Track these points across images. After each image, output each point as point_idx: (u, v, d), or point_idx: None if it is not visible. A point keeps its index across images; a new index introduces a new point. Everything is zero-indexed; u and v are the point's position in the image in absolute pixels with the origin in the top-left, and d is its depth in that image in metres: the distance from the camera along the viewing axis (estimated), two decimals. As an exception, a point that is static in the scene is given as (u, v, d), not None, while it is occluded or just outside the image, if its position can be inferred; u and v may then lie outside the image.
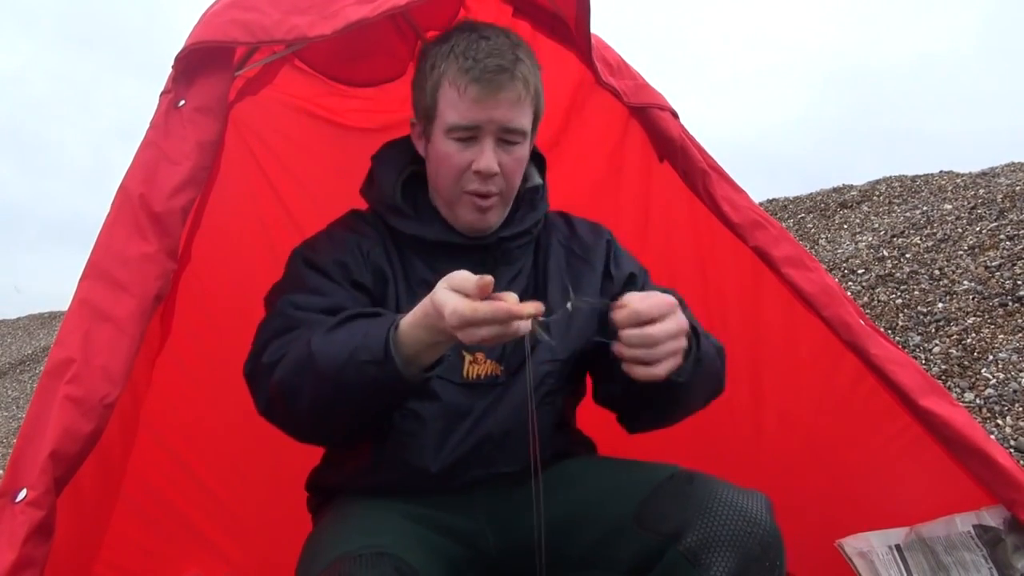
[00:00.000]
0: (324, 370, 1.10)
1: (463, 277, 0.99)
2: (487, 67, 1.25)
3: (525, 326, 0.98)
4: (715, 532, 1.07)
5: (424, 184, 1.44)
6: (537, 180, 1.49)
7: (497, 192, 1.33)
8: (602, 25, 1.91)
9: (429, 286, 1.23)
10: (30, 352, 9.66)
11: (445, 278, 1.02)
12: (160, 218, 1.19)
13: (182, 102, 1.28)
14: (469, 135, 1.29)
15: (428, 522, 1.23)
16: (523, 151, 1.35)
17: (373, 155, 1.54)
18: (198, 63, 1.30)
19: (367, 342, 1.09)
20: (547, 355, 1.36)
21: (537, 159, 1.53)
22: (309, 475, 1.51)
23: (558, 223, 1.54)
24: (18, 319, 12.34)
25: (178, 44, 1.34)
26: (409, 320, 1.07)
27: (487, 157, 1.29)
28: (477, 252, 1.39)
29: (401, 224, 1.39)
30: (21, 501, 0.97)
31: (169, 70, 1.34)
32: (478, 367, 1.33)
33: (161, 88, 1.35)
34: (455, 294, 0.98)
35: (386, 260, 1.37)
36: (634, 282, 1.49)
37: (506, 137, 1.30)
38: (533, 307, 0.98)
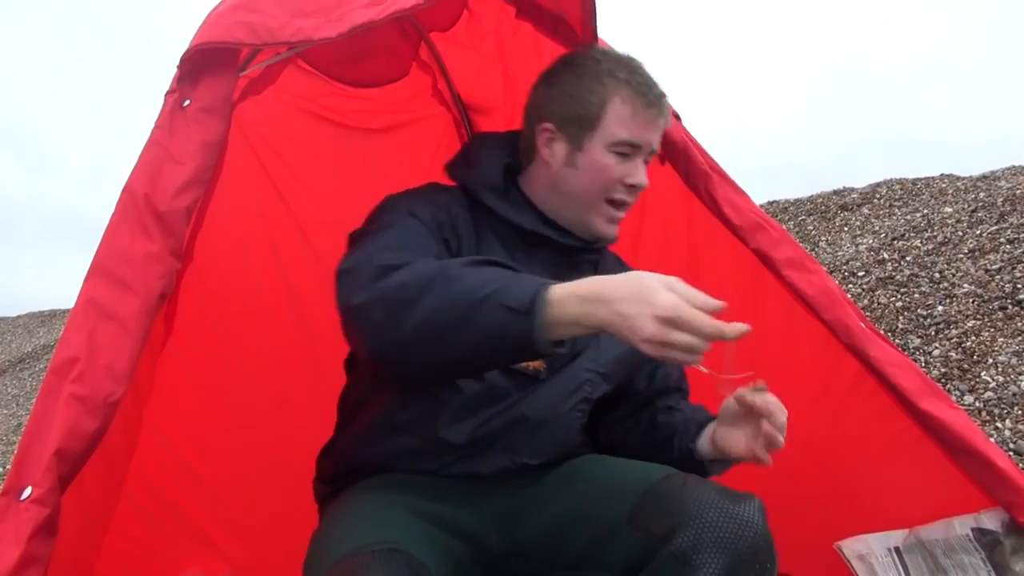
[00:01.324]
0: (454, 295, 1.07)
1: (688, 286, 1.02)
2: (655, 94, 1.37)
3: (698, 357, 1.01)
4: (706, 534, 1.07)
5: (513, 177, 1.49)
6: None
7: (630, 205, 1.43)
8: (604, 26, 1.91)
9: None
10: (30, 350, 9.66)
11: (660, 276, 1.02)
12: (164, 218, 1.20)
13: (187, 102, 1.28)
14: (629, 152, 1.37)
15: (434, 518, 1.23)
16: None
17: (473, 138, 1.62)
18: (203, 63, 1.31)
19: (512, 286, 1.06)
20: (589, 364, 1.42)
21: None
22: (320, 453, 1.52)
23: (610, 258, 1.63)
24: (18, 317, 12.34)
25: (179, 41, 1.35)
26: (571, 288, 1.04)
27: (643, 173, 1.39)
28: (552, 251, 1.44)
29: (498, 205, 1.42)
30: (26, 499, 0.98)
31: (171, 67, 1.35)
32: (536, 366, 1.37)
33: (163, 85, 1.36)
34: (668, 296, 0.99)
35: (466, 235, 1.39)
36: None
37: (647, 159, 1.41)
38: (736, 331, 1.02)
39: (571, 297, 1.04)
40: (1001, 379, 3.05)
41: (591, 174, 1.38)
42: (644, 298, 0.99)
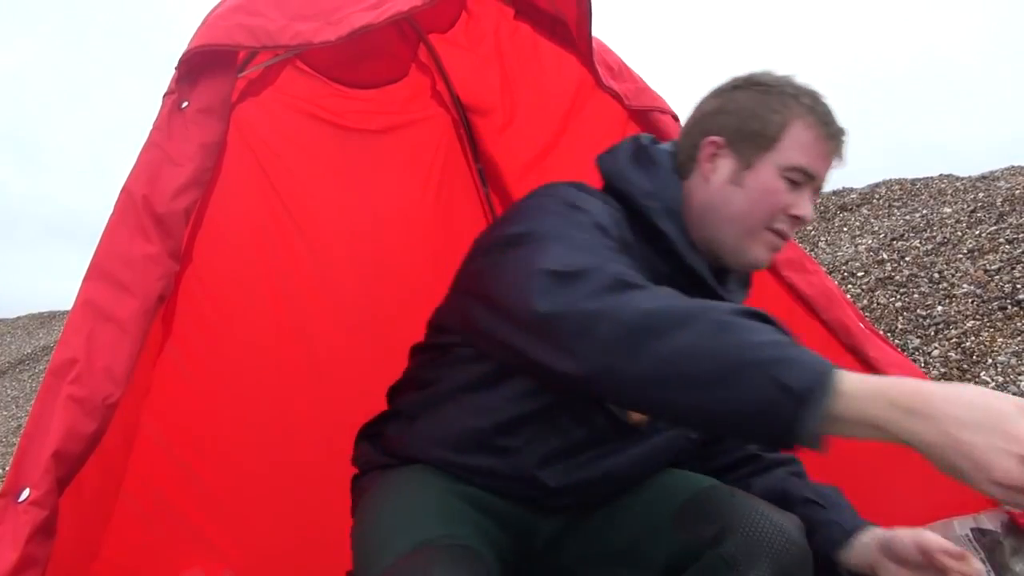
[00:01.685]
0: (718, 346, 0.90)
1: None
2: (838, 130, 1.28)
3: None
4: (756, 543, 1.08)
5: None
6: None
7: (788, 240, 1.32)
8: (603, 26, 1.92)
9: None
10: (29, 351, 9.65)
11: (1009, 398, 0.81)
12: (163, 219, 1.20)
13: (185, 104, 1.28)
14: (801, 181, 1.26)
15: (492, 513, 1.20)
16: None
17: (648, 141, 1.38)
18: (202, 65, 1.31)
19: (794, 360, 0.87)
20: (690, 432, 1.35)
21: None
22: (373, 426, 1.43)
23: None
24: (17, 318, 12.33)
25: (178, 43, 1.35)
26: (875, 385, 0.86)
27: (809, 206, 1.28)
28: (689, 288, 1.27)
29: (677, 235, 1.27)
30: (24, 501, 0.98)
31: (170, 70, 1.35)
32: (640, 415, 1.27)
33: (163, 86, 1.35)
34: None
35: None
36: None
37: (814, 194, 1.31)
38: None
39: (874, 395, 0.85)
40: (1001, 379, 3.05)
41: (758, 196, 1.26)
42: (1003, 430, 0.79)
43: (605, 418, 1.23)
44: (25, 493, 0.98)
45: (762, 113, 1.27)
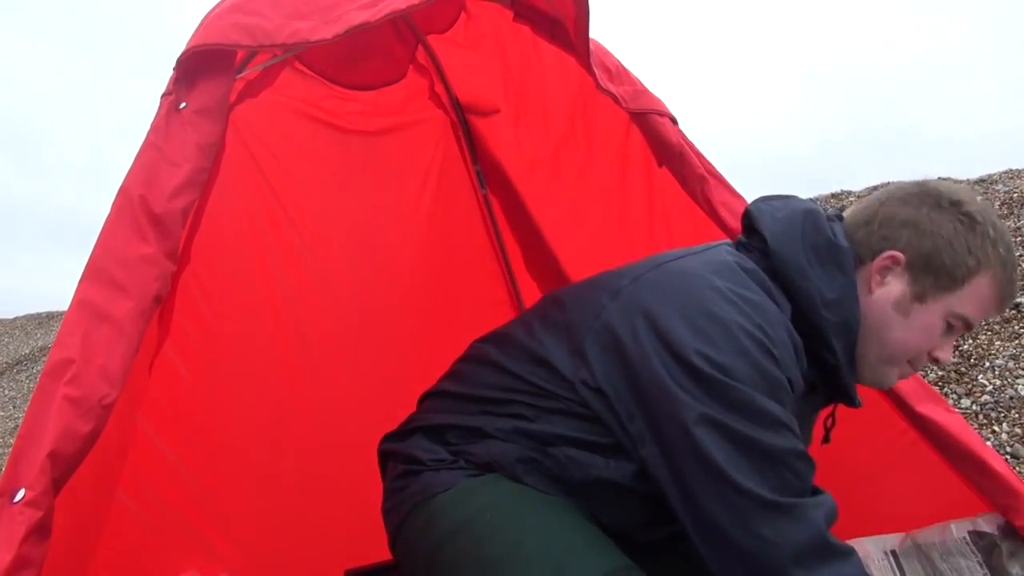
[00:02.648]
0: None
1: None
2: (1015, 291, 1.21)
3: None
4: None
5: None
6: None
7: None
8: (601, 29, 1.92)
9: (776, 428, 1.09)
10: (27, 352, 9.64)
11: None
12: (160, 220, 1.19)
13: (183, 104, 1.28)
14: (958, 328, 1.19)
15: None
16: None
17: (832, 227, 1.22)
18: (199, 66, 1.31)
19: None
20: None
21: None
22: (443, 431, 1.27)
23: None
24: (15, 319, 12.31)
25: (177, 42, 1.35)
26: None
27: (950, 352, 1.22)
28: (820, 406, 1.30)
29: (843, 351, 1.17)
30: (19, 501, 0.97)
31: (169, 70, 1.34)
32: None
33: (160, 87, 1.35)
34: None
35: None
36: None
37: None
38: None
39: None
40: (998, 383, 3.05)
41: (918, 333, 1.18)
42: None
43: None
44: (20, 494, 0.98)
45: (958, 250, 1.15)
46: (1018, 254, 3.88)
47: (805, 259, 1.17)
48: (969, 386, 3.10)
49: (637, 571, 1.03)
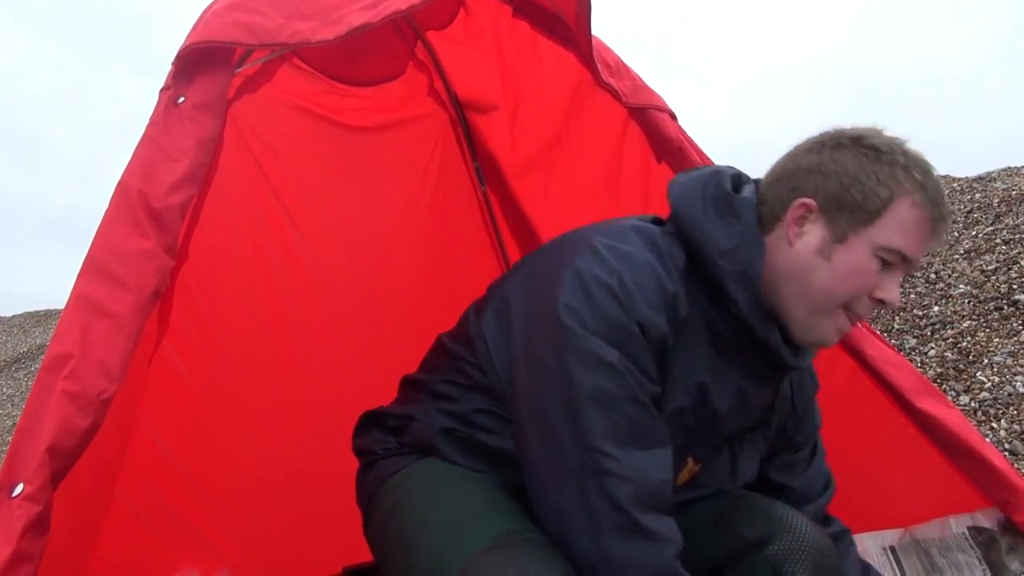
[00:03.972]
0: None
1: None
2: (944, 213, 1.14)
3: None
4: (799, 547, 1.17)
5: None
6: None
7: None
8: (601, 26, 1.92)
9: (702, 389, 1.17)
10: (25, 350, 9.63)
11: None
12: (158, 214, 1.19)
13: (182, 99, 1.28)
14: (894, 262, 1.13)
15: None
16: None
17: (725, 174, 1.24)
18: (198, 61, 1.30)
19: None
20: (743, 472, 1.34)
21: None
22: (387, 416, 1.36)
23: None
24: (13, 317, 12.31)
25: (176, 40, 1.35)
26: None
27: (895, 291, 1.14)
28: (756, 359, 1.23)
29: (749, 308, 1.16)
30: (18, 496, 0.97)
31: (168, 66, 1.34)
32: (687, 473, 1.26)
33: (159, 85, 1.35)
34: None
35: (683, 337, 1.15)
36: (795, 451, 1.43)
37: (905, 275, 1.21)
38: None
39: None
40: (997, 379, 3.05)
41: (845, 274, 1.13)
42: None
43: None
44: (19, 488, 0.98)
45: (866, 183, 1.13)
46: (1015, 252, 3.87)
47: (703, 213, 1.18)
48: (968, 383, 3.11)
49: (532, 532, 1.05)
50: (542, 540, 1.04)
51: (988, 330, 3.38)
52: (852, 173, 1.13)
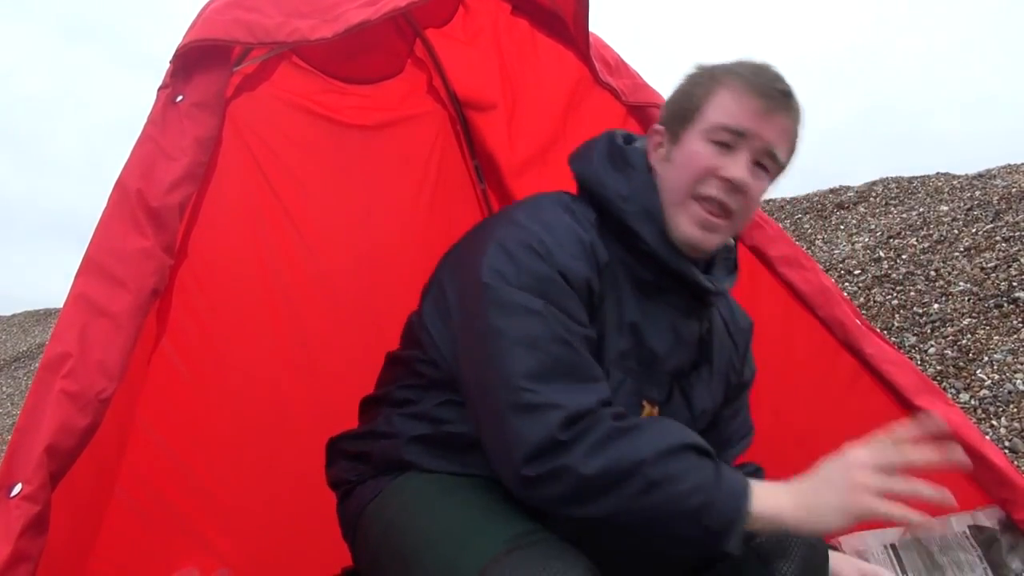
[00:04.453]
0: (654, 503, 1.02)
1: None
2: (774, 86, 1.20)
3: None
4: (787, 539, 1.19)
5: None
6: (731, 241, 1.40)
7: (733, 212, 1.22)
8: (600, 24, 1.91)
9: (635, 331, 1.24)
10: (25, 349, 9.64)
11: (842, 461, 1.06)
12: (157, 213, 1.19)
13: (180, 97, 1.28)
14: (730, 141, 1.19)
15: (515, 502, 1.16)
16: (766, 184, 1.26)
17: (623, 140, 1.34)
18: (196, 59, 1.30)
19: (716, 502, 1.01)
20: (701, 411, 1.37)
21: None
22: (346, 442, 1.39)
23: (730, 297, 1.51)
24: (13, 316, 12.31)
25: (174, 38, 1.34)
26: (777, 507, 1.04)
27: (742, 167, 1.19)
28: (686, 299, 1.30)
29: (653, 239, 1.22)
30: (16, 496, 0.97)
31: (167, 65, 1.34)
32: (648, 416, 1.29)
33: (158, 82, 1.35)
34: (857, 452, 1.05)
35: (608, 285, 1.21)
36: (743, 390, 1.50)
37: (763, 160, 1.22)
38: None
39: (775, 515, 1.04)
40: (996, 377, 3.05)
41: (684, 160, 1.22)
42: (849, 485, 1.02)
43: None
44: (17, 488, 0.98)
45: (689, 90, 1.26)
46: (1015, 249, 3.88)
47: (602, 169, 1.28)
48: (967, 381, 3.11)
49: (542, 532, 1.05)
50: (554, 539, 1.04)
51: (988, 328, 3.38)
52: (680, 89, 1.28)
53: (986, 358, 3.18)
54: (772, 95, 1.19)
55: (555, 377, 1.06)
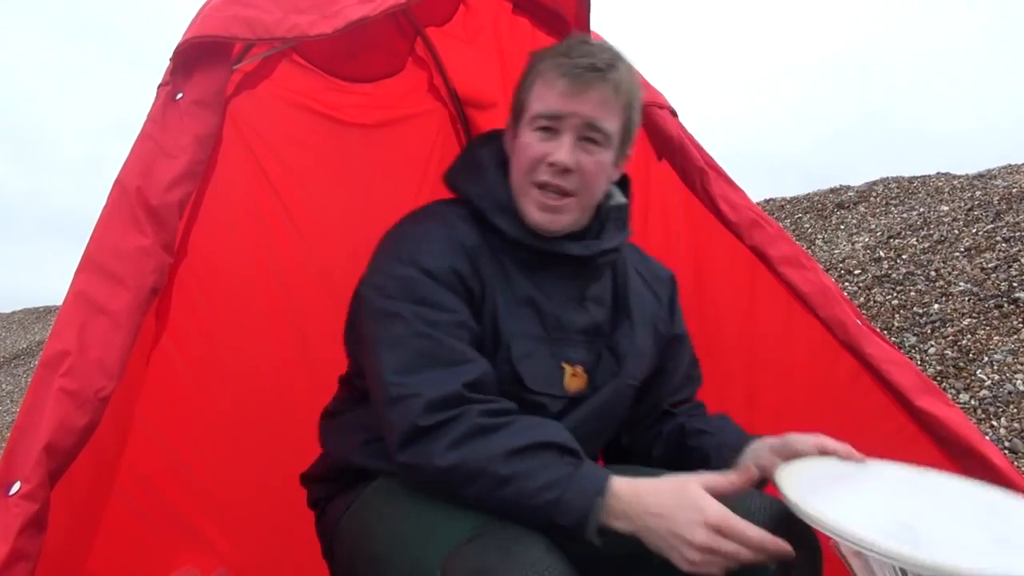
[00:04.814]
0: (504, 499, 1.08)
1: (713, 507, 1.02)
2: (579, 64, 1.27)
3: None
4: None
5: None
6: (622, 199, 1.48)
7: (572, 191, 1.30)
8: (602, 22, 1.91)
9: (528, 299, 1.33)
10: (24, 346, 9.64)
11: (697, 485, 1.04)
12: (157, 211, 1.19)
13: (180, 95, 1.27)
14: (551, 125, 1.29)
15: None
16: (604, 156, 1.32)
17: (478, 145, 1.48)
18: (196, 56, 1.30)
19: (564, 500, 1.06)
20: (630, 380, 1.42)
21: (623, 182, 1.51)
22: (327, 459, 1.47)
23: (629, 248, 1.55)
24: (12, 313, 12.31)
25: (174, 36, 1.34)
26: (624, 503, 1.06)
27: (564, 150, 1.28)
28: (573, 265, 1.38)
29: (511, 228, 1.33)
30: (15, 494, 0.96)
31: (166, 62, 1.34)
32: (576, 380, 1.36)
33: (157, 80, 1.34)
34: (716, 504, 1.02)
35: (488, 268, 1.32)
36: (680, 344, 1.55)
37: (589, 135, 1.29)
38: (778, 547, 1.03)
39: (624, 514, 1.06)
40: (996, 377, 3.05)
41: (519, 156, 1.34)
42: (693, 506, 1.02)
43: (548, 401, 1.32)
44: (16, 486, 0.97)
45: (520, 84, 1.37)
46: (1016, 249, 3.87)
47: (462, 175, 1.43)
48: (967, 381, 3.10)
49: (506, 524, 1.08)
50: (515, 527, 1.07)
51: (988, 328, 3.38)
52: (516, 88, 1.38)
53: (986, 358, 3.18)
54: (578, 73, 1.27)
55: (418, 368, 1.16)
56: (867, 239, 4.84)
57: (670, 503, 1.03)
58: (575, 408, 1.35)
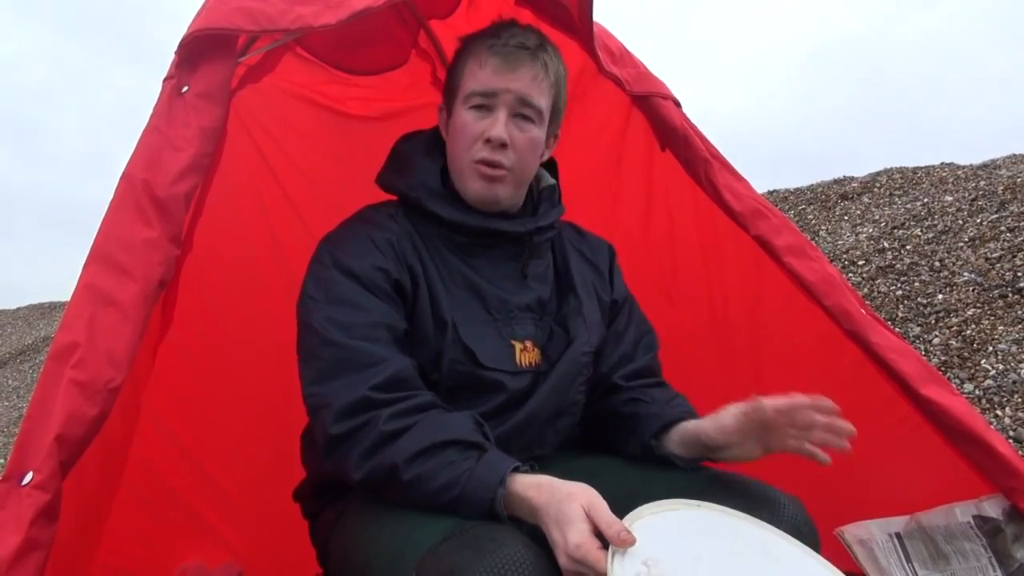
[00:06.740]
0: (412, 499, 1.13)
1: (605, 512, 0.99)
2: (509, 43, 1.35)
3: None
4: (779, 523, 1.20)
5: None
6: (551, 180, 1.54)
7: (508, 167, 1.36)
8: (604, 13, 1.90)
9: (468, 283, 1.37)
10: (30, 342, 9.66)
11: (583, 501, 1.01)
12: (163, 204, 1.19)
13: (185, 88, 1.28)
14: (485, 103, 1.35)
15: None
16: (536, 132, 1.38)
17: (402, 141, 1.54)
18: (201, 49, 1.30)
19: (463, 498, 1.08)
20: (584, 347, 1.44)
21: (550, 165, 1.58)
22: (311, 477, 1.50)
23: (565, 226, 1.60)
24: (18, 309, 12.34)
25: (176, 30, 1.34)
26: (521, 500, 1.07)
27: (499, 126, 1.33)
28: (511, 245, 1.43)
29: (446, 211, 1.38)
30: (27, 484, 0.97)
31: (170, 56, 1.34)
32: (528, 355, 1.39)
33: (161, 75, 1.35)
34: (580, 533, 0.97)
35: (417, 258, 1.36)
36: (621, 308, 1.58)
37: (522, 111, 1.35)
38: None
39: (519, 508, 1.08)
40: (1001, 367, 3.05)
41: (455, 137, 1.39)
42: (562, 529, 1.00)
43: (500, 376, 1.34)
44: (28, 477, 0.98)
45: (452, 66, 1.44)
46: (1020, 239, 3.87)
47: (392, 173, 1.48)
48: (972, 371, 3.10)
49: (482, 525, 1.08)
50: (490, 525, 1.07)
51: (992, 318, 3.38)
52: (449, 71, 1.45)
53: (991, 348, 3.18)
54: (509, 51, 1.34)
55: (328, 378, 1.20)
56: (871, 230, 4.83)
57: (553, 512, 1.02)
58: (536, 385, 1.37)
